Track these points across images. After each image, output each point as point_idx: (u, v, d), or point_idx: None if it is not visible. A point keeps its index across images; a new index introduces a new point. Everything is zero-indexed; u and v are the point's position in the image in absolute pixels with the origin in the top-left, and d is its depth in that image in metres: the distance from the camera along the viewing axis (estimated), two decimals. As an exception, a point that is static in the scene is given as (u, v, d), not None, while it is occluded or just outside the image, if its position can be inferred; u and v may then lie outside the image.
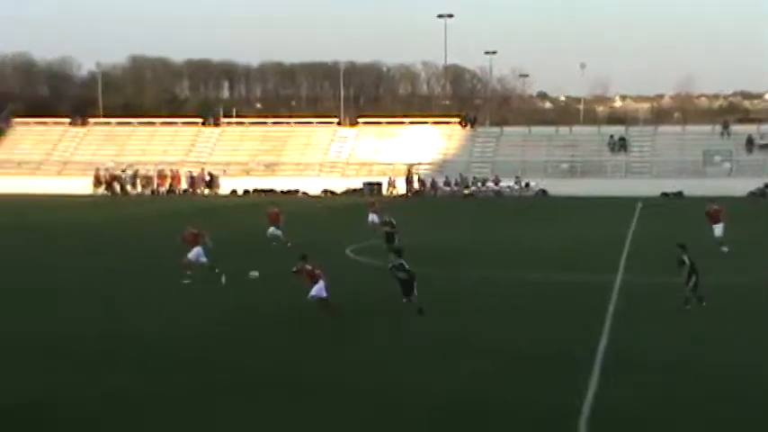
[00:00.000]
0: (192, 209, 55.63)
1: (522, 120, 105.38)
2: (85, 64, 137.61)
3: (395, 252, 22.65)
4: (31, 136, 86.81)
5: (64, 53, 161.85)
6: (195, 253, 28.31)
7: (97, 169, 77.11)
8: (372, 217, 38.72)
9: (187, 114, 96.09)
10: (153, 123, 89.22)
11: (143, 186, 76.84)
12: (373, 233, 37.30)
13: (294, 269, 22.77)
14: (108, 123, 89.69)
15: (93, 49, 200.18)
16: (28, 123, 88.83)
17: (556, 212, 56.44)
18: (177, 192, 75.62)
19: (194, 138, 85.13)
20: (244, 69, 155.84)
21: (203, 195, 74.07)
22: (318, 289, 22.17)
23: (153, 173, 77.44)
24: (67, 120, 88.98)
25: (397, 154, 78.04)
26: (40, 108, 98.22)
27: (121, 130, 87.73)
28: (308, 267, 22.51)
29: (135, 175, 77.25)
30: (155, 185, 76.82)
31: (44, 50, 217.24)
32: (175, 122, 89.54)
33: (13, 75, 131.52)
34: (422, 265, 24.14)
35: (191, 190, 75.99)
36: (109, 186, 75.86)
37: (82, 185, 74.94)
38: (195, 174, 76.88)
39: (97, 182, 76.08)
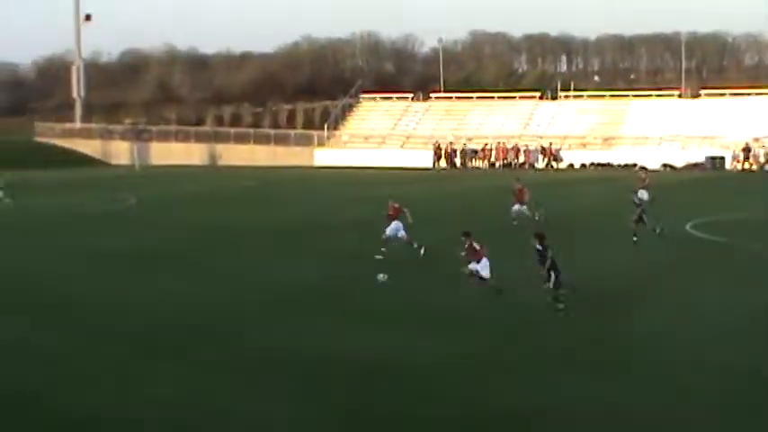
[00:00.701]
0: (533, 182, 56.05)
1: None
2: (427, 41, 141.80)
3: (536, 237, 21.27)
4: (376, 111, 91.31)
5: (408, 31, 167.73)
6: (393, 227, 27.98)
7: (437, 142, 79.75)
8: (642, 193, 37.87)
9: (525, 89, 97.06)
10: (491, 98, 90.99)
11: (481, 160, 78.71)
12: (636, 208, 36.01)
13: (462, 251, 22.24)
14: (449, 98, 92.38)
15: (434, 26, 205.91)
16: (374, 99, 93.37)
17: None
18: (515, 165, 76.61)
19: (531, 111, 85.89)
20: (581, 43, 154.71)
21: (539, 169, 74.47)
22: (481, 267, 21.71)
23: (491, 146, 79.02)
24: (410, 95, 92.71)
25: (742, 127, 74.59)
26: (386, 84, 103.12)
27: (460, 104, 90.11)
28: (471, 244, 22.04)
29: (474, 149, 79.20)
30: (492, 159, 78.45)
31: (390, 29, 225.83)
32: (513, 96, 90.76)
33: (362, 53, 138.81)
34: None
35: (528, 163, 76.80)
36: (449, 160, 78.36)
37: (422, 158, 77.92)
38: (532, 147, 77.62)
39: (437, 155, 78.74)
